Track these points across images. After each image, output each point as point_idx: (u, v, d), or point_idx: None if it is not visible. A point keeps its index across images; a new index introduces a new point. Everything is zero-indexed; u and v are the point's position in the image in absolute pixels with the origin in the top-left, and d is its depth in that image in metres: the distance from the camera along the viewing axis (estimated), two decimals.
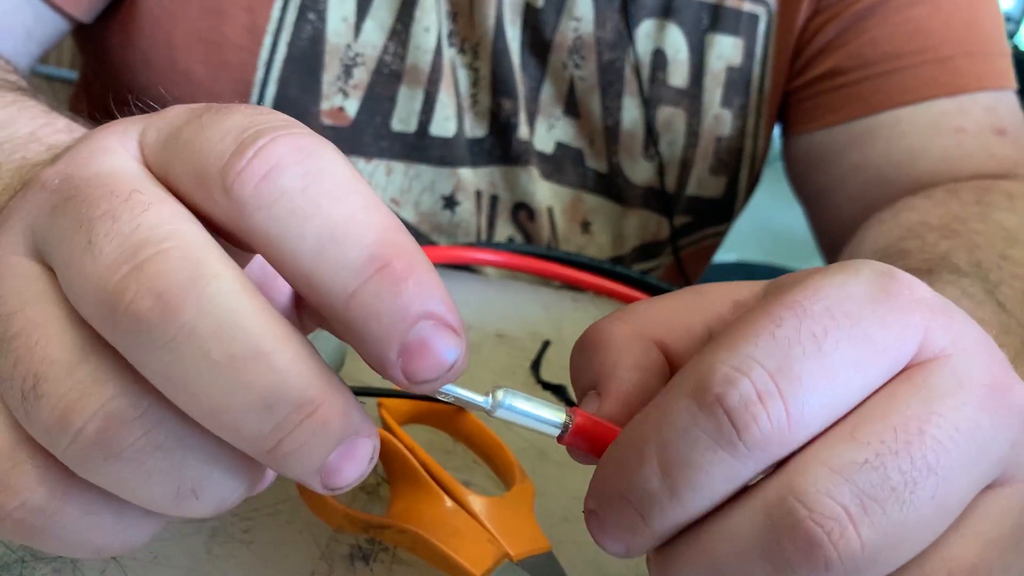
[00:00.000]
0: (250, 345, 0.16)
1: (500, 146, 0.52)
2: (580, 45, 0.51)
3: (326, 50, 0.47)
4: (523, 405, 0.21)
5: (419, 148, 0.50)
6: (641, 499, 0.19)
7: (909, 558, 0.19)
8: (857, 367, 0.19)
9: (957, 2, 0.50)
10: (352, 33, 0.48)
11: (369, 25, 0.48)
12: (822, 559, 0.18)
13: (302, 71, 0.48)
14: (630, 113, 0.52)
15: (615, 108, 0.52)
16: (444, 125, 0.50)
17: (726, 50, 0.52)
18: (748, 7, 0.52)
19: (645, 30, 0.51)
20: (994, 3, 0.52)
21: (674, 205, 0.55)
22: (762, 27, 0.53)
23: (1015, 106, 0.51)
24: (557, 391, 0.36)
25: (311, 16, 0.47)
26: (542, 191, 0.53)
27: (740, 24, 0.52)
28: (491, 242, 0.52)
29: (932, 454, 0.18)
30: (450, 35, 0.49)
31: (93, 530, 0.19)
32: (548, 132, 0.52)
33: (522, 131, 0.51)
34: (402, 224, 0.18)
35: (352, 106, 0.49)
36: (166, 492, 0.18)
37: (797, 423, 0.18)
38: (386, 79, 0.49)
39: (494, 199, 0.53)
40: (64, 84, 1.05)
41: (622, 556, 0.20)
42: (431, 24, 0.48)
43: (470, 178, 0.52)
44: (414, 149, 0.50)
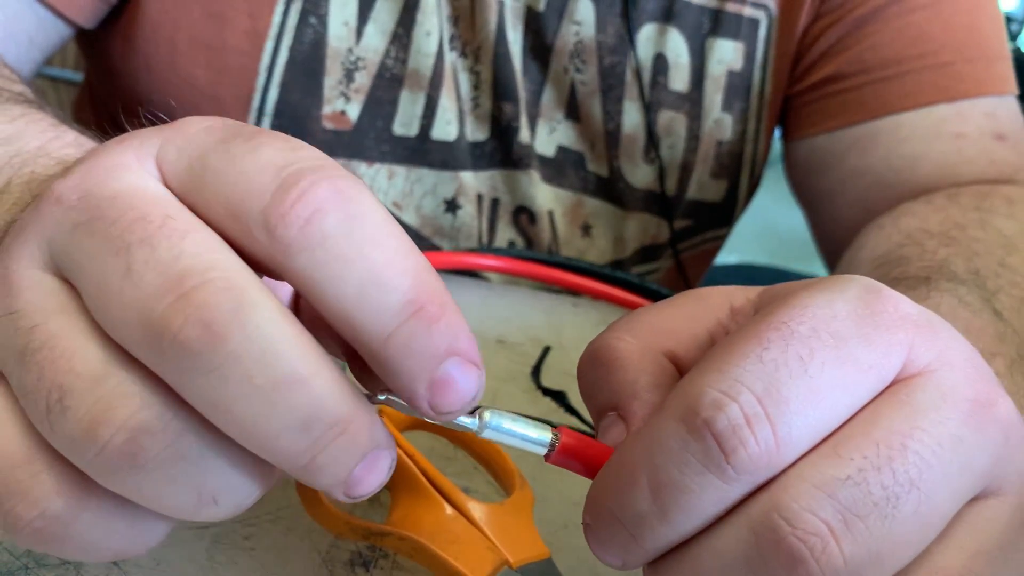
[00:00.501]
0: (291, 370, 0.17)
1: (501, 150, 0.52)
2: (581, 49, 0.51)
3: (328, 54, 0.48)
4: (509, 425, 0.21)
5: (421, 152, 0.50)
6: (632, 520, 0.20)
7: (893, 572, 0.19)
8: (843, 387, 0.19)
9: (957, 7, 0.50)
10: (354, 37, 0.48)
11: (370, 29, 0.48)
12: (805, 574, 0.18)
13: (304, 75, 0.48)
14: (631, 117, 0.52)
15: (616, 112, 0.52)
16: (445, 129, 0.50)
17: (727, 54, 0.52)
18: (749, 12, 0.52)
19: (646, 34, 0.51)
20: (995, 8, 0.52)
21: (674, 209, 0.55)
22: (763, 32, 0.53)
23: (1015, 111, 0.51)
24: (557, 397, 0.36)
25: (312, 20, 0.48)
26: (543, 195, 0.53)
27: (741, 29, 0.52)
28: (492, 247, 0.53)
29: (914, 469, 0.18)
30: (451, 39, 0.49)
31: (110, 536, 0.19)
32: (549, 136, 0.53)
33: (523, 135, 0.51)
34: (429, 263, 0.19)
35: (354, 110, 0.49)
36: (187, 500, 0.18)
37: (784, 445, 0.18)
38: (388, 83, 0.49)
39: (495, 203, 0.53)
40: (68, 86, 1.06)
41: (619, 568, 0.21)
42: (432, 28, 0.48)
43: (471, 182, 0.52)
44: (416, 153, 0.50)
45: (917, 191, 0.49)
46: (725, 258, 1.23)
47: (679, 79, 0.52)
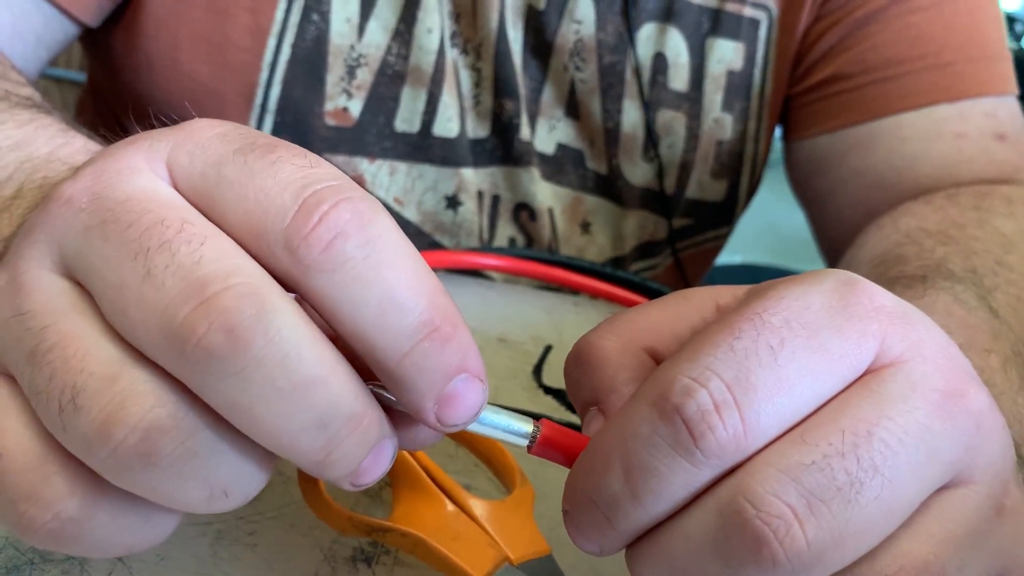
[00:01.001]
0: (311, 372, 0.18)
1: (502, 147, 0.52)
2: (581, 47, 0.51)
3: (330, 51, 0.48)
4: (492, 417, 0.22)
5: (422, 148, 0.51)
6: (606, 502, 0.20)
7: (857, 556, 0.19)
8: (813, 376, 0.20)
9: (958, 8, 0.50)
10: (356, 34, 0.48)
11: (373, 26, 0.48)
12: (769, 556, 0.18)
13: (306, 72, 0.48)
14: (630, 116, 0.52)
15: (615, 111, 0.52)
16: (447, 125, 0.50)
17: (727, 54, 0.53)
18: (749, 12, 0.52)
19: (646, 33, 0.52)
20: (995, 8, 0.52)
21: (673, 207, 0.55)
22: (763, 32, 0.53)
23: (1016, 111, 0.51)
24: (558, 395, 0.37)
25: (315, 17, 0.48)
26: (543, 192, 0.53)
27: (741, 29, 0.53)
28: (494, 247, 0.53)
29: (879, 456, 0.19)
30: (453, 36, 0.50)
31: (122, 533, 0.20)
32: (549, 133, 0.53)
33: (524, 132, 0.51)
34: (441, 285, 0.20)
35: (356, 106, 0.49)
36: (200, 494, 0.19)
37: (752, 431, 0.19)
38: (389, 80, 0.49)
39: (496, 199, 0.53)
40: (72, 86, 1.06)
41: (597, 555, 0.22)
42: (434, 25, 0.49)
43: (472, 178, 0.52)
44: (417, 149, 0.51)
45: (918, 191, 0.50)
46: (728, 258, 1.23)
47: (678, 78, 0.52)
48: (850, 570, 0.19)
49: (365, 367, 0.20)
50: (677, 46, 0.52)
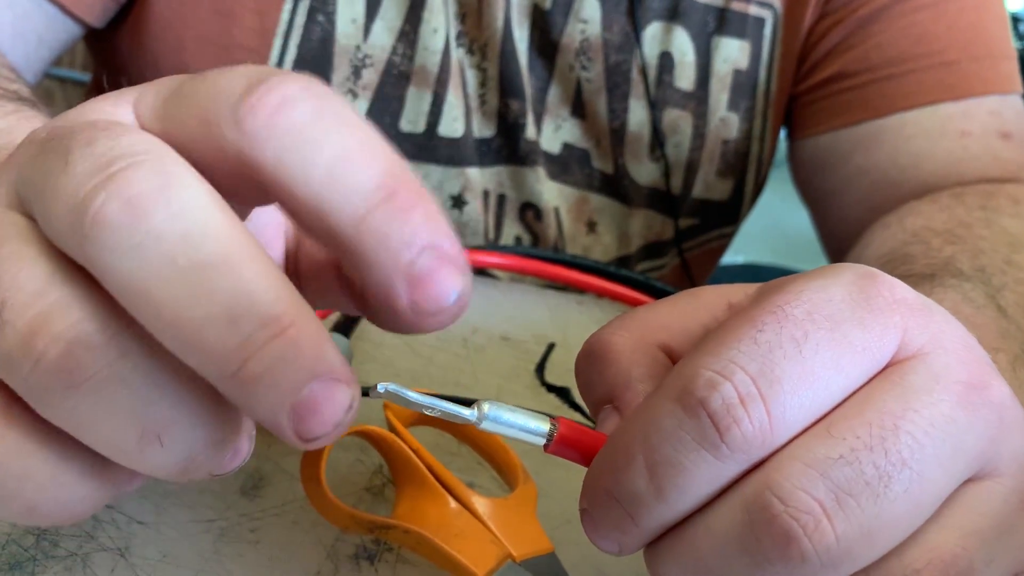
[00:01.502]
0: (217, 254, 0.16)
1: (508, 146, 0.52)
2: (587, 47, 0.51)
3: (335, 51, 0.48)
4: (508, 416, 0.21)
5: (427, 148, 0.51)
6: (629, 499, 0.20)
7: (886, 550, 0.19)
8: (837, 368, 0.19)
9: (963, 6, 0.50)
10: (361, 34, 0.48)
11: (378, 26, 0.48)
12: (797, 552, 0.18)
13: (312, 72, 0.48)
14: (636, 115, 0.52)
15: (621, 110, 0.52)
16: (452, 126, 0.50)
17: (732, 53, 0.53)
18: (754, 10, 0.52)
19: (652, 32, 0.52)
20: (1000, 6, 0.52)
21: (680, 207, 0.55)
22: (768, 30, 0.53)
23: (1020, 110, 0.51)
24: (561, 393, 0.37)
25: (320, 18, 0.48)
26: (549, 191, 0.53)
27: (746, 27, 0.52)
28: (498, 245, 0.53)
29: (906, 449, 0.19)
30: (458, 36, 0.50)
31: (26, 478, 0.18)
32: (555, 133, 0.53)
33: (529, 131, 0.51)
34: (399, 157, 0.18)
35: (361, 106, 0.49)
36: (128, 435, 0.17)
37: (778, 424, 0.19)
38: (395, 80, 0.49)
39: (501, 199, 0.53)
40: (76, 86, 1.07)
41: (616, 554, 0.21)
42: (439, 25, 0.49)
43: (478, 178, 0.52)
44: (423, 149, 0.51)
45: (922, 189, 0.49)
46: (732, 258, 1.22)
47: (684, 77, 0.52)
48: (878, 565, 0.19)
49: None
50: (683, 45, 0.52)
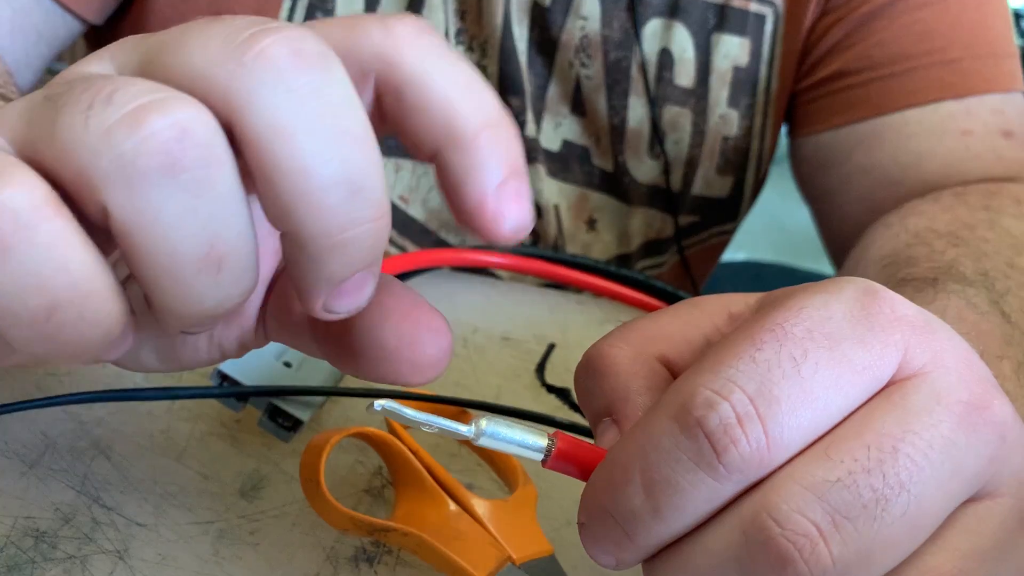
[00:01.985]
0: (360, 128, 0.17)
1: None
2: (587, 44, 0.51)
3: None
4: (506, 432, 0.21)
5: None
6: (626, 517, 0.20)
7: (883, 572, 0.19)
8: (836, 388, 0.19)
9: (965, 4, 0.50)
10: None
11: None
12: (793, 574, 0.18)
13: None
14: (636, 112, 0.52)
15: (621, 107, 0.52)
16: None
17: (732, 50, 0.52)
18: (755, 7, 0.52)
19: (652, 29, 0.51)
20: (1003, 4, 0.52)
21: (680, 204, 0.55)
22: (769, 27, 0.53)
23: (1023, 108, 0.51)
24: (561, 394, 0.37)
25: (319, 16, 0.48)
26: (549, 189, 0.53)
27: (747, 24, 0.52)
28: (498, 245, 0.53)
29: (905, 472, 0.19)
30: (458, 33, 0.50)
31: (58, 275, 0.16)
32: (555, 130, 0.53)
33: (529, 129, 0.51)
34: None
35: None
36: (196, 248, 0.17)
37: (776, 445, 0.19)
38: None
39: None
40: None
41: (613, 568, 0.21)
42: (438, 22, 0.49)
43: None
44: None
45: (923, 188, 0.49)
46: (732, 255, 1.22)
47: (684, 74, 0.52)
48: None
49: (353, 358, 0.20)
50: (683, 42, 0.52)
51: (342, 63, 0.18)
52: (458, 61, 0.19)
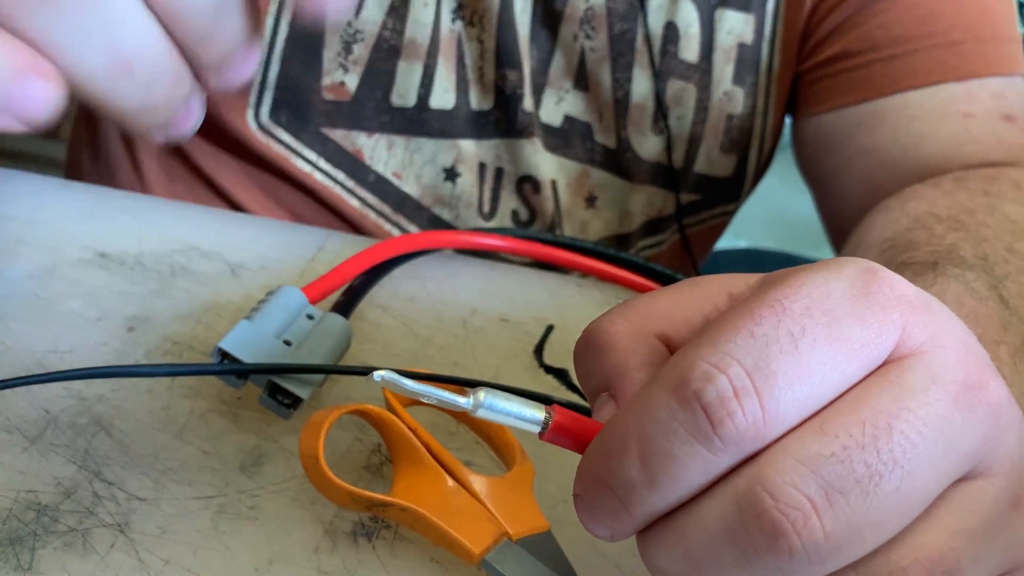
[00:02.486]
0: None
1: (505, 119, 0.52)
2: (591, 16, 0.51)
3: (327, 27, 0.48)
4: (503, 404, 0.22)
5: (418, 122, 0.51)
6: (622, 487, 0.20)
7: (874, 547, 0.20)
8: (833, 364, 0.20)
9: None
10: (352, 11, 0.49)
11: (369, 2, 0.49)
12: (786, 547, 0.19)
13: (303, 48, 0.49)
14: (640, 86, 0.53)
15: (625, 80, 0.52)
16: (443, 97, 0.51)
17: (737, 26, 0.53)
18: None
19: (657, 2, 0.52)
20: None
21: (681, 182, 0.56)
22: (771, 4, 0.53)
23: None
24: (559, 375, 0.37)
25: None
26: (546, 164, 0.53)
27: (751, 0, 0.52)
28: (497, 227, 0.53)
29: (899, 448, 0.19)
30: (457, 8, 0.50)
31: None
32: (556, 105, 0.53)
33: (527, 103, 0.51)
34: None
35: (352, 81, 0.50)
36: (103, 58, 0.19)
37: (771, 419, 0.19)
38: (385, 55, 0.50)
39: (499, 172, 0.53)
40: None
41: (608, 540, 0.21)
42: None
43: (472, 150, 0.52)
44: (414, 123, 0.51)
45: (924, 170, 0.50)
46: (734, 243, 1.22)
47: (689, 49, 0.52)
48: (866, 561, 0.20)
49: None
50: (688, 16, 0.52)
51: None
52: None
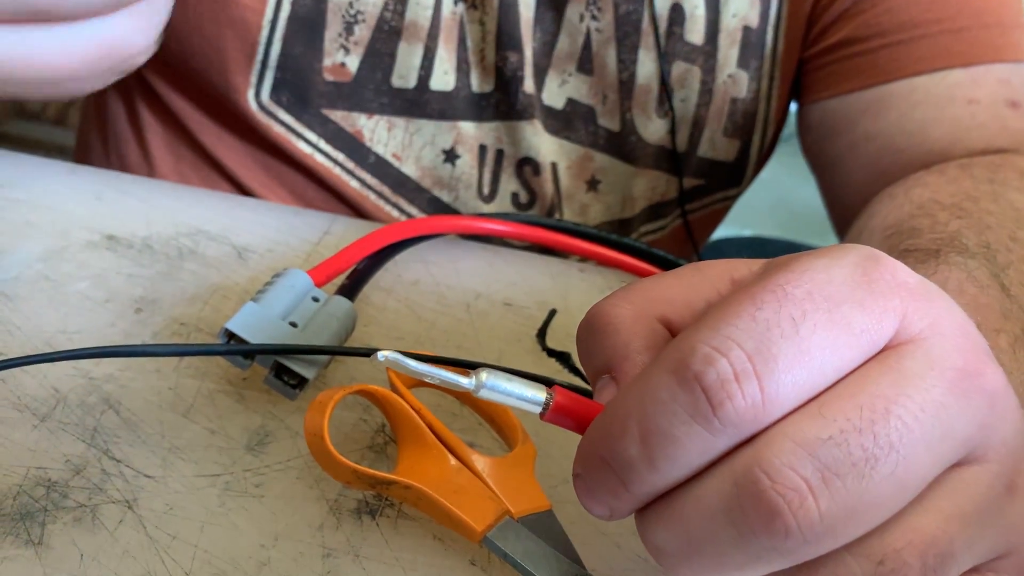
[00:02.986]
0: None
1: (505, 101, 0.52)
2: None
3: (328, 8, 0.49)
4: (505, 385, 0.22)
5: (419, 103, 0.52)
6: (622, 466, 0.21)
7: (868, 529, 0.20)
8: (833, 349, 0.20)
9: None
10: None
11: None
12: (782, 527, 0.19)
13: (305, 29, 0.49)
14: (645, 67, 0.53)
15: (630, 61, 0.53)
16: (443, 79, 0.51)
17: (741, 8, 0.53)
18: None
19: None
20: None
21: (685, 166, 0.56)
22: None
23: None
24: (562, 358, 0.37)
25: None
26: (547, 146, 0.54)
27: None
28: (500, 213, 0.53)
29: (895, 433, 0.20)
30: None
31: None
32: (560, 88, 0.53)
33: (527, 85, 0.52)
34: None
35: (353, 62, 0.50)
36: None
37: (771, 402, 0.20)
38: (386, 36, 0.50)
39: (499, 154, 0.54)
40: None
41: (606, 519, 0.22)
42: None
43: (472, 132, 0.53)
44: (414, 104, 0.52)
45: (928, 156, 0.50)
46: (738, 231, 1.21)
47: (695, 31, 0.53)
48: (860, 543, 0.20)
49: None
50: None
51: None
52: None
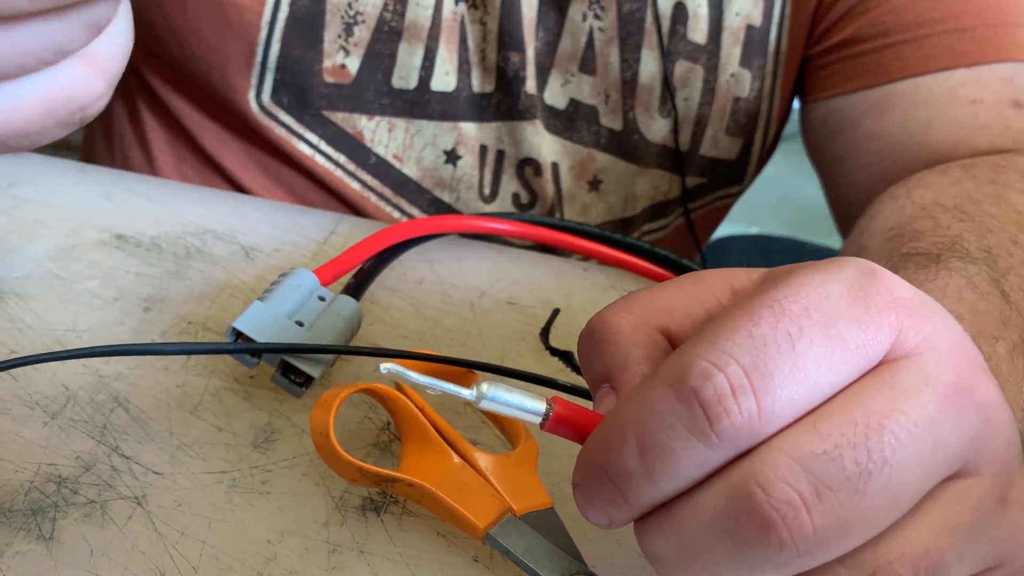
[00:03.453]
0: None
1: (507, 102, 0.53)
2: None
3: (327, 9, 0.49)
4: (506, 396, 0.23)
5: (419, 104, 0.52)
6: (620, 477, 0.22)
7: (861, 542, 0.21)
8: (829, 365, 0.21)
9: None
10: None
11: None
12: (776, 540, 0.20)
13: (304, 30, 0.49)
14: (648, 66, 0.53)
15: (633, 60, 0.53)
16: (444, 80, 0.51)
17: (745, 7, 0.53)
18: None
19: None
20: None
21: (687, 164, 0.56)
22: None
23: None
24: (564, 357, 0.38)
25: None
26: (548, 146, 0.54)
27: None
28: (507, 213, 0.54)
29: (888, 448, 0.20)
30: None
31: None
32: (562, 88, 0.54)
33: (529, 85, 0.52)
34: None
35: (353, 63, 0.50)
36: None
37: (767, 417, 0.20)
38: (386, 37, 0.50)
39: (500, 154, 0.54)
40: None
41: (605, 527, 0.23)
42: None
43: (473, 133, 0.53)
44: (415, 105, 0.52)
45: (931, 156, 0.50)
46: (743, 230, 1.22)
47: (698, 30, 0.53)
48: (854, 555, 0.21)
49: None
50: None
51: None
52: None
